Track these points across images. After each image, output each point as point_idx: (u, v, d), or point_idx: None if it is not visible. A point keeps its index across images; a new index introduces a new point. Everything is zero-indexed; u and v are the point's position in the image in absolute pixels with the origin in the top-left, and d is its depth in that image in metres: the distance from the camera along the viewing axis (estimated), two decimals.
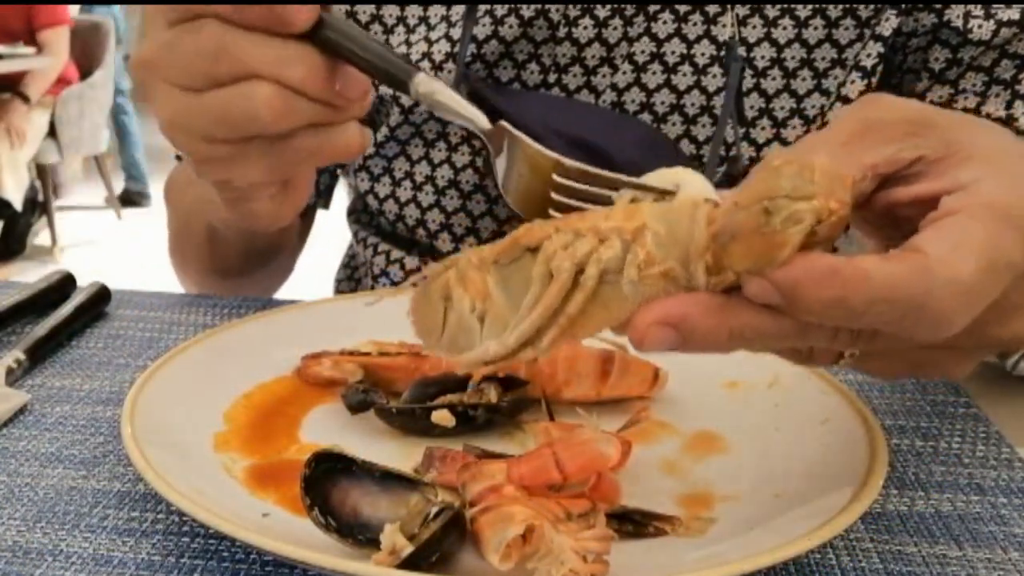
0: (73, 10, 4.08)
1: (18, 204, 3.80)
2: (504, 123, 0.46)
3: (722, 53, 0.72)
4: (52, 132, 3.85)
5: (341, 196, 0.93)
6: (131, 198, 4.66)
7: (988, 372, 0.64)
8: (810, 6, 0.71)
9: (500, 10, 0.74)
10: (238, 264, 0.85)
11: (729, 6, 0.71)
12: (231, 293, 0.78)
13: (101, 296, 0.71)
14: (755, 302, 0.35)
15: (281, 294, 0.91)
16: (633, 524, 0.44)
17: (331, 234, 1.24)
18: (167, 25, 0.46)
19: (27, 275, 3.01)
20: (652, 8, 0.73)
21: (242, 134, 0.46)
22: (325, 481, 0.42)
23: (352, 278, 0.94)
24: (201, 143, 0.48)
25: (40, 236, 4.15)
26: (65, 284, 0.72)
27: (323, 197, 0.89)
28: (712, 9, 0.72)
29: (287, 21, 0.44)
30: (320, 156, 0.49)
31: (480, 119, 0.46)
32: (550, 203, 0.45)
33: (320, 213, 0.93)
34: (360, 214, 0.89)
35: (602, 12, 0.73)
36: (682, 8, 0.72)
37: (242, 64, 0.45)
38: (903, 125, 0.39)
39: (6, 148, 3.63)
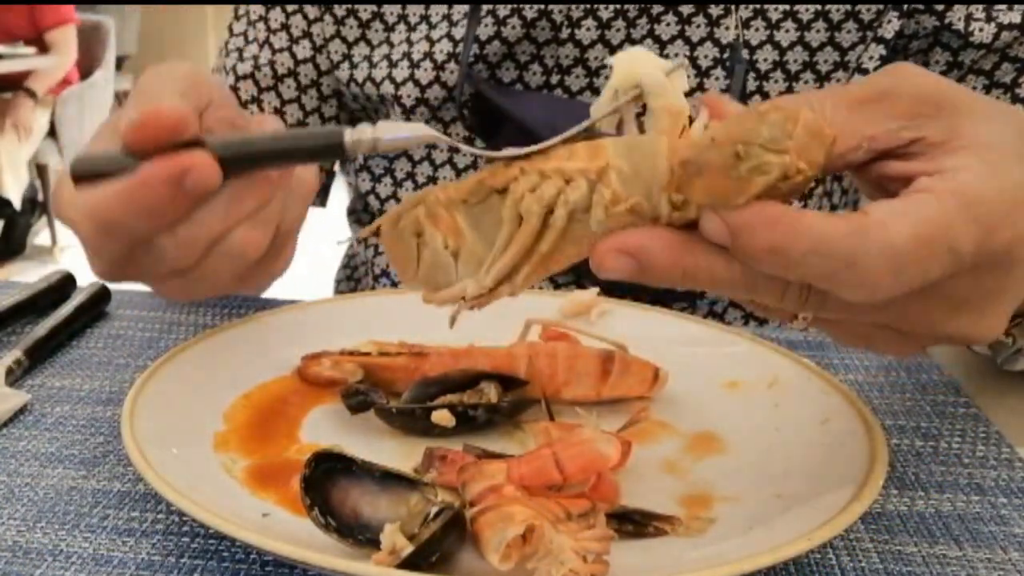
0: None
1: (17, 202, 3.80)
2: (455, 143, 0.44)
3: (725, 56, 0.72)
4: (52, 132, 3.85)
5: (341, 195, 0.93)
6: None
7: (987, 371, 0.64)
8: (812, 9, 0.71)
9: (503, 11, 0.74)
10: None
11: (733, 9, 0.71)
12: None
13: (101, 296, 0.71)
14: (711, 246, 0.37)
15: (281, 294, 0.91)
16: (633, 524, 0.44)
17: (331, 234, 1.24)
18: (112, 255, 0.47)
19: (27, 275, 3.01)
20: (655, 10, 0.73)
21: (244, 270, 0.48)
22: (325, 481, 0.42)
23: (352, 278, 0.94)
24: (211, 294, 0.51)
25: (40, 236, 4.15)
26: (65, 284, 0.72)
27: (319, 196, 0.89)
28: (715, 12, 0.72)
29: (203, 191, 0.43)
30: (302, 219, 0.51)
31: (433, 133, 0.44)
32: None
33: (320, 213, 0.93)
34: (361, 214, 0.89)
35: (605, 14, 0.73)
36: (686, 10, 0.72)
37: (204, 241, 0.45)
38: (916, 103, 0.39)
39: (13, 143, 3.63)
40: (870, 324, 0.41)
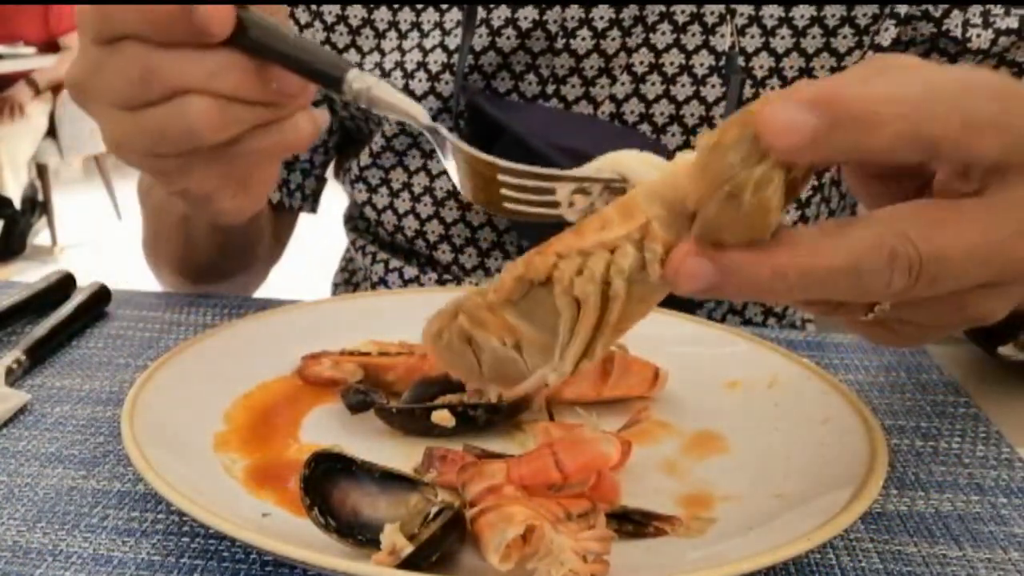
0: None
1: (17, 202, 3.80)
2: (439, 127, 0.45)
3: (721, 63, 0.72)
4: (52, 132, 3.86)
5: (340, 199, 0.92)
6: None
7: (987, 371, 0.64)
8: (808, 15, 0.71)
9: (497, 21, 0.73)
10: (211, 263, 0.84)
11: (728, 16, 0.71)
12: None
13: (101, 296, 0.71)
14: (795, 241, 0.33)
15: (281, 294, 0.91)
16: (633, 524, 0.44)
17: (329, 237, 1.24)
18: (91, 43, 0.45)
19: (27, 275, 3.01)
20: (650, 19, 0.73)
21: (184, 148, 0.46)
22: (325, 481, 0.42)
23: (350, 282, 0.94)
24: (148, 159, 0.48)
25: (40, 236, 4.15)
26: (65, 284, 0.72)
27: (307, 202, 0.87)
28: (711, 19, 0.72)
29: (205, 32, 0.42)
30: (273, 154, 0.48)
31: (421, 115, 0.44)
32: (500, 200, 0.44)
33: (319, 215, 0.92)
34: (358, 221, 0.89)
35: (600, 23, 0.73)
36: (681, 19, 0.72)
37: (170, 83, 0.44)
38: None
39: (9, 128, 3.64)
40: (935, 326, 0.40)
